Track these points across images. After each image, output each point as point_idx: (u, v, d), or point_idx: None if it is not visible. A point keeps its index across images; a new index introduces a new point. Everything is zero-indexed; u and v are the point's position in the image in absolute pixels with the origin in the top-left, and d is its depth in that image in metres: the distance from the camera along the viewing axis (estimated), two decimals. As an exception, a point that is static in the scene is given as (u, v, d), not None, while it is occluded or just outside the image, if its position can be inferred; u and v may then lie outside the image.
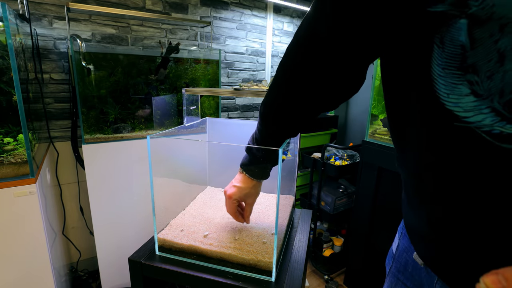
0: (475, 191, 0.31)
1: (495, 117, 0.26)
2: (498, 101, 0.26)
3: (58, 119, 1.51)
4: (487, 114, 0.27)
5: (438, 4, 0.27)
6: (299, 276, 0.58)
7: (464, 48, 0.26)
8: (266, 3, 2.17)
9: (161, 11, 1.73)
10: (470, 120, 0.28)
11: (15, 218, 0.96)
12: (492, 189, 0.29)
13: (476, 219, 0.32)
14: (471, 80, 0.27)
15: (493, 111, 0.26)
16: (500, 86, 0.25)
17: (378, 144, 1.49)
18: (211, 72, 1.80)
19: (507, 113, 0.25)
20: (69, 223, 1.62)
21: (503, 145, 0.26)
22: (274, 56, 2.34)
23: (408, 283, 0.48)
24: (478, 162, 0.29)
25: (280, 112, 0.49)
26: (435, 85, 0.29)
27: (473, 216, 0.32)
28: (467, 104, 0.28)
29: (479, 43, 0.25)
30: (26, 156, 0.96)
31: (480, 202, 0.30)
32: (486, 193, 0.30)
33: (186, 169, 0.81)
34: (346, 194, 1.88)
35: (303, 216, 0.86)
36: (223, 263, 0.59)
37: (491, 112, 0.26)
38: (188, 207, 0.79)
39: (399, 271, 0.50)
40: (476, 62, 0.26)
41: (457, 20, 0.26)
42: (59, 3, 1.41)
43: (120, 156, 1.35)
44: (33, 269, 1.02)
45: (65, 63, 1.48)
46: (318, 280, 1.84)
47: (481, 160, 0.29)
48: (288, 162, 0.77)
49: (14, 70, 0.87)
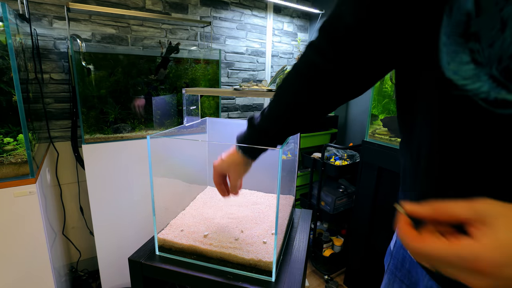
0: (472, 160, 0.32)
1: (492, 83, 0.27)
2: (496, 68, 0.27)
3: (58, 119, 1.51)
4: (485, 81, 0.28)
5: None
6: (299, 276, 0.58)
7: (470, 15, 0.27)
8: (266, 3, 2.17)
9: (161, 11, 1.73)
10: (468, 88, 0.29)
11: (15, 218, 0.96)
12: (489, 157, 0.30)
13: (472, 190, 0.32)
14: (472, 49, 0.28)
15: (491, 78, 0.27)
16: (499, 53, 0.27)
17: (378, 144, 1.49)
18: (211, 72, 1.80)
19: (504, 79, 0.27)
20: (69, 223, 1.62)
21: (497, 110, 0.28)
22: (274, 56, 2.34)
23: (405, 280, 0.48)
24: (475, 130, 0.30)
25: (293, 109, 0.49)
26: (440, 54, 0.31)
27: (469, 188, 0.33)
28: (467, 72, 0.29)
29: (484, 11, 0.26)
30: (26, 156, 0.96)
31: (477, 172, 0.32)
32: (483, 162, 0.31)
33: (186, 169, 0.81)
34: (346, 194, 1.88)
35: (303, 216, 0.86)
36: (223, 263, 0.59)
37: (488, 79, 0.28)
38: (188, 207, 0.79)
39: (397, 267, 0.50)
40: (479, 30, 0.27)
41: None
42: (59, 3, 1.41)
43: (120, 156, 1.35)
44: (33, 269, 1.02)
45: (65, 63, 1.48)
46: (318, 280, 1.84)
47: (479, 128, 0.30)
48: (288, 162, 0.77)
49: (14, 70, 0.87)
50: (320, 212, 1.92)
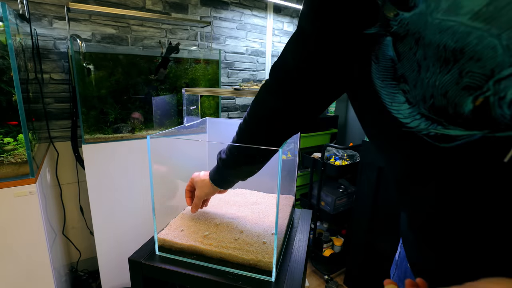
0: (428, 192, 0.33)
1: (426, 121, 0.29)
2: (423, 107, 0.28)
3: (58, 119, 1.51)
4: (420, 119, 0.29)
5: (371, 27, 0.31)
6: (299, 276, 0.58)
7: (393, 61, 0.30)
8: (266, 3, 2.17)
9: (161, 11, 1.73)
10: (410, 126, 0.30)
11: (15, 218, 0.96)
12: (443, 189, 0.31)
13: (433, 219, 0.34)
14: (404, 89, 0.30)
15: (423, 116, 0.29)
16: (422, 93, 0.28)
17: (378, 144, 1.49)
18: (211, 72, 1.80)
19: (434, 116, 0.28)
20: (69, 223, 1.62)
21: (441, 145, 0.28)
22: (274, 56, 2.34)
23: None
24: (427, 163, 0.32)
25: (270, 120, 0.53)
26: (381, 96, 0.33)
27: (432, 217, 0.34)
28: (405, 111, 0.30)
29: (403, 56, 0.29)
30: (26, 156, 0.96)
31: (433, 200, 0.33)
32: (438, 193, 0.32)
33: (186, 169, 0.81)
34: (346, 194, 1.88)
35: (303, 216, 0.86)
36: (223, 263, 0.59)
37: (422, 117, 0.29)
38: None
39: (400, 279, 0.50)
40: (404, 72, 0.29)
41: (385, 38, 0.30)
42: (59, 3, 1.41)
43: (120, 156, 1.35)
44: (33, 269, 1.02)
45: (65, 63, 1.48)
46: (318, 280, 1.84)
47: (429, 161, 0.31)
48: (288, 162, 0.77)
49: (14, 70, 0.87)
50: (320, 212, 1.92)
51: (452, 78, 0.25)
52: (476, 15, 0.23)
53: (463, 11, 0.23)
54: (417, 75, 0.28)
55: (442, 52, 0.25)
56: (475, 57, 0.23)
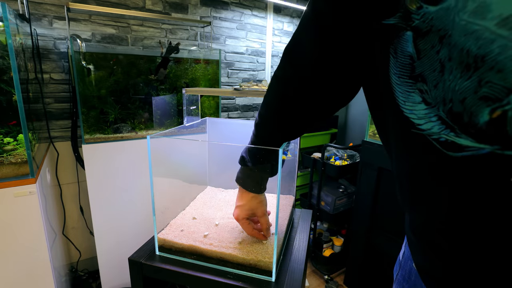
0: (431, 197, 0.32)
1: (441, 125, 0.27)
2: (442, 110, 0.27)
3: (58, 119, 1.51)
4: (435, 122, 0.28)
5: (390, 18, 0.29)
6: (299, 276, 0.58)
7: (412, 58, 0.28)
8: (266, 3, 2.17)
9: (161, 11, 1.73)
10: (422, 128, 0.29)
11: (15, 218, 0.96)
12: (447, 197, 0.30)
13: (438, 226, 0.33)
14: (421, 89, 0.28)
15: (439, 119, 0.28)
16: (442, 95, 0.27)
17: (378, 144, 1.49)
18: (211, 72, 1.80)
19: (450, 121, 0.27)
20: (69, 223, 1.62)
21: (449, 153, 0.27)
22: (274, 56, 2.34)
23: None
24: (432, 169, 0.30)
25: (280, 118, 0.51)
26: (395, 93, 0.31)
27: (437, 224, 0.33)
28: (420, 112, 0.29)
29: (423, 53, 0.27)
30: (26, 156, 0.96)
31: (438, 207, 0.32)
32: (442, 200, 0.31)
33: (186, 169, 0.81)
34: (346, 194, 1.88)
35: (303, 216, 0.86)
36: (223, 263, 0.59)
37: (438, 120, 0.28)
38: (188, 207, 0.79)
39: (404, 279, 0.50)
40: (423, 71, 0.28)
41: (405, 32, 0.28)
42: (59, 3, 1.41)
43: (120, 156, 1.35)
44: (33, 269, 1.02)
45: (65, 63, 1.48)
46: (318, 280, 1.84)
47: (435, 167, 0.30)
48: (288, 162, 0.77)
49: (14, 70, 0.87)
50: (320, 212, 1.92)
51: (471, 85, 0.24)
52: (504, 21, 0.21)
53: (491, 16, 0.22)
54: (439, 76, 0.26)
55: (465, 56, 0.24)
56: (496, 68, 0.22)
